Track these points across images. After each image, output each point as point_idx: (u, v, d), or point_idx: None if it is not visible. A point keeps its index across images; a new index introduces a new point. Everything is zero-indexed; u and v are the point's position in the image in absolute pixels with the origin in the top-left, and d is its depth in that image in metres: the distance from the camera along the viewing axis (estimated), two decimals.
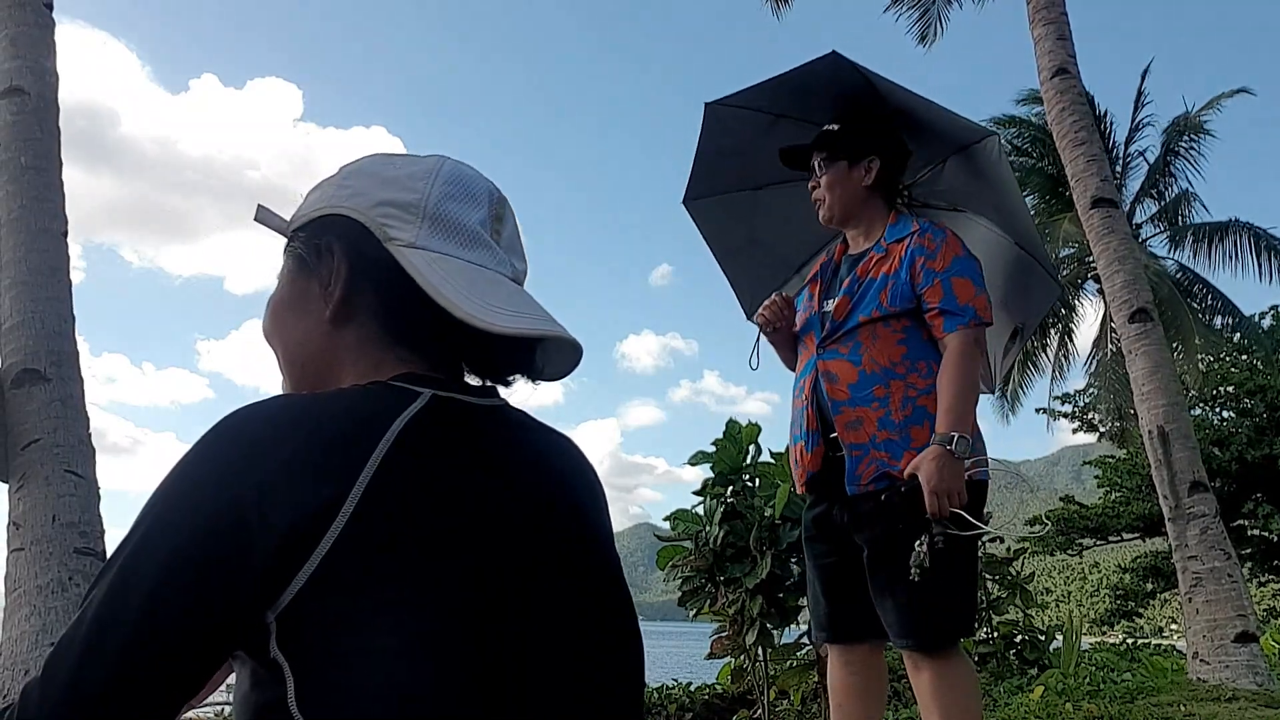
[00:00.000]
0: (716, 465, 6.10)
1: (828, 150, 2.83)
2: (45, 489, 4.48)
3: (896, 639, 2.57)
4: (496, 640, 0.85)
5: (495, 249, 1.03)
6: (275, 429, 0.85)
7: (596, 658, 0.95)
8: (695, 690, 7.86)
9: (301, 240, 1.05)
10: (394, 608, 0.81)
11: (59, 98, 5.32)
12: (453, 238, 1.00)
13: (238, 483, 0.81)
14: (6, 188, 4.99)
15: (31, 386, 4.64)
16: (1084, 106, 8.66)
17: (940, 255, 2.64)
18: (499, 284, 1.00)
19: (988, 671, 7.33)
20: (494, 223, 1.05)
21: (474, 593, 0.85)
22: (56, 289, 4.93)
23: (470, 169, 1.07)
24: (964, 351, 2.58)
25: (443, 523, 0.86)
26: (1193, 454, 7.60)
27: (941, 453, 2.44)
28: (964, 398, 2.54)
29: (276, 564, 0.80)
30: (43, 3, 5.37)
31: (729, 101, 3.04)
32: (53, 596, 4.32)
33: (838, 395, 2.65)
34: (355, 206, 1.00)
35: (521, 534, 0.92)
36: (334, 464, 0.83)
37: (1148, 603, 28.31)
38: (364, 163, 1.07)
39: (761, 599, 5.65)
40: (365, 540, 0.81)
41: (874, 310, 2.65)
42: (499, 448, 0.98)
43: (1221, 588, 7.15)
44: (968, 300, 2.61)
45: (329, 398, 0.92)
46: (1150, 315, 7.95)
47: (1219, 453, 23.01)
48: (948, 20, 14.52)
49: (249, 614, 0.81)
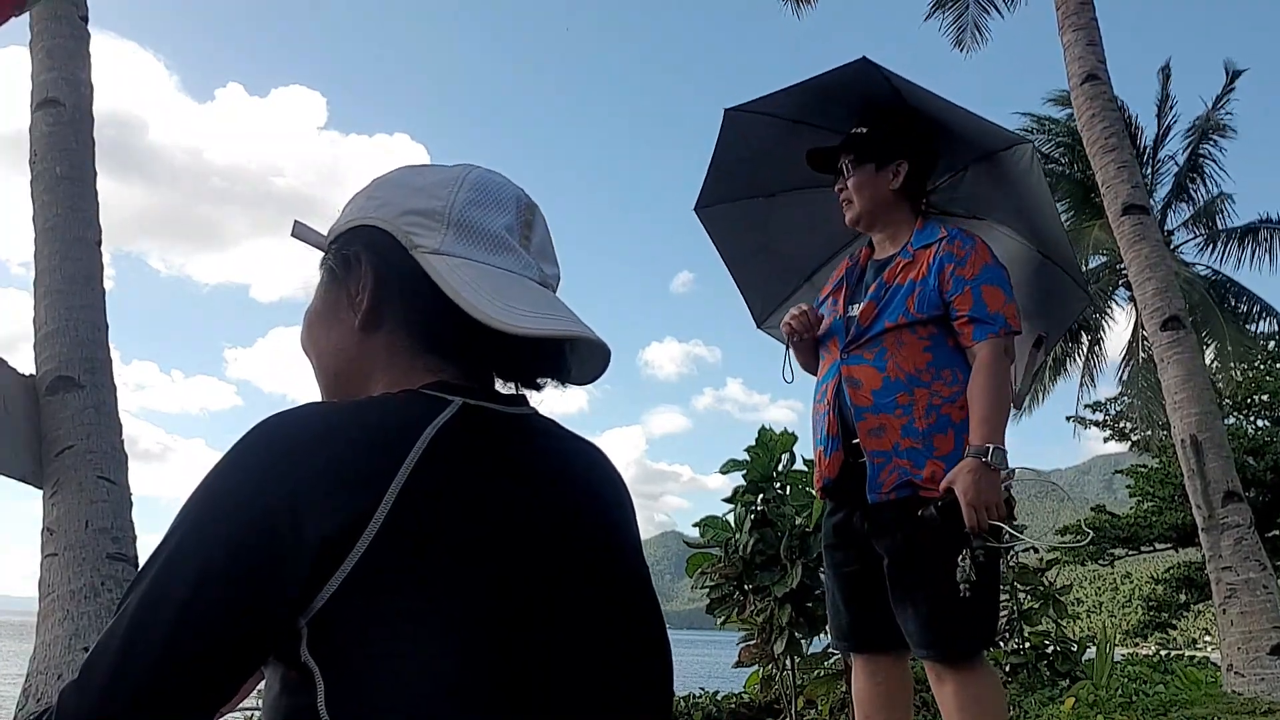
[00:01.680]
0: (748, 473, 6.10)
1: (855, 152, 2.80)
2: (78, 495, 4.54)
3: (917, 649, 2.54)
4: (523, 648, 0.85)
5: (521, 254, 1.03)
6: (306, 438, 0.86)
7: (623, 667, 0.95)
8: (722, 699, 7.83)
9: (333, 252, 1.06)
10: (424, 615, 0.81)
11: (93, 109, 5.40)
12: (478, 243, 1.00)
13: (270, 491, 0.82)
14: (42, 197, 5.07)
15: (65, 393, 4.70)
16: (1114, 112, 8.58)
17: (970, 262, 2.61)
18: (525, 287, 0.99)
19: (1019, 683, 7.26)
20: (523, 229, 1.05)
21: (501, 601, 0.85)
22: (90, 297, 4.99)
23: (498, 176, 1.07)
24: (995, 360, 2.55)
25: (471, 531, 0.86)
26: (1226, 463, 7.50)
27: (978, 465, 2.41)
28: (997, 408, 2.51)
29: (309, 572, 0.80)
30: (78, 15, 5.45)
31: (749, 108, 3.02)
32: (85, 601, 4.37)
33: (861, 401, 2.62)
34: (382, 216, 1.01)
35: (548, 543, 0.92)
36: (365, 473, 0.84)
37: (1181, 614, 27.93)
38: (393, 174, 1.08)
39: (790, 608, 5.63)
40: (397, 548, 0.82)
41: (900, 316, 2.63)
42: (527, 456, 0.98)
43: (1256, 599, 7.05)
44: (998, 308, 2.58)
45: (360, 406, 0.93)
46: (1182, 323, 7.87)
47: (1253, 462, 22.68)
48: (988, 30, 14.52)
49: (282, 622, 0.81)
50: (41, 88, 5.22)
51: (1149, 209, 8.58)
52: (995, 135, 2.88)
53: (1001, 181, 2.95)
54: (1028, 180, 2.88)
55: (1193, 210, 20.15)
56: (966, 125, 2.86)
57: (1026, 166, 2.84)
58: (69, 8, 5.39)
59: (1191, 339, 7.97)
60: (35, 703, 4.21)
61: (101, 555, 4.47)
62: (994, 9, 14.45)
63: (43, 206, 5.05)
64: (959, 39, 14.67)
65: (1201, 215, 20.00)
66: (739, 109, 3.02)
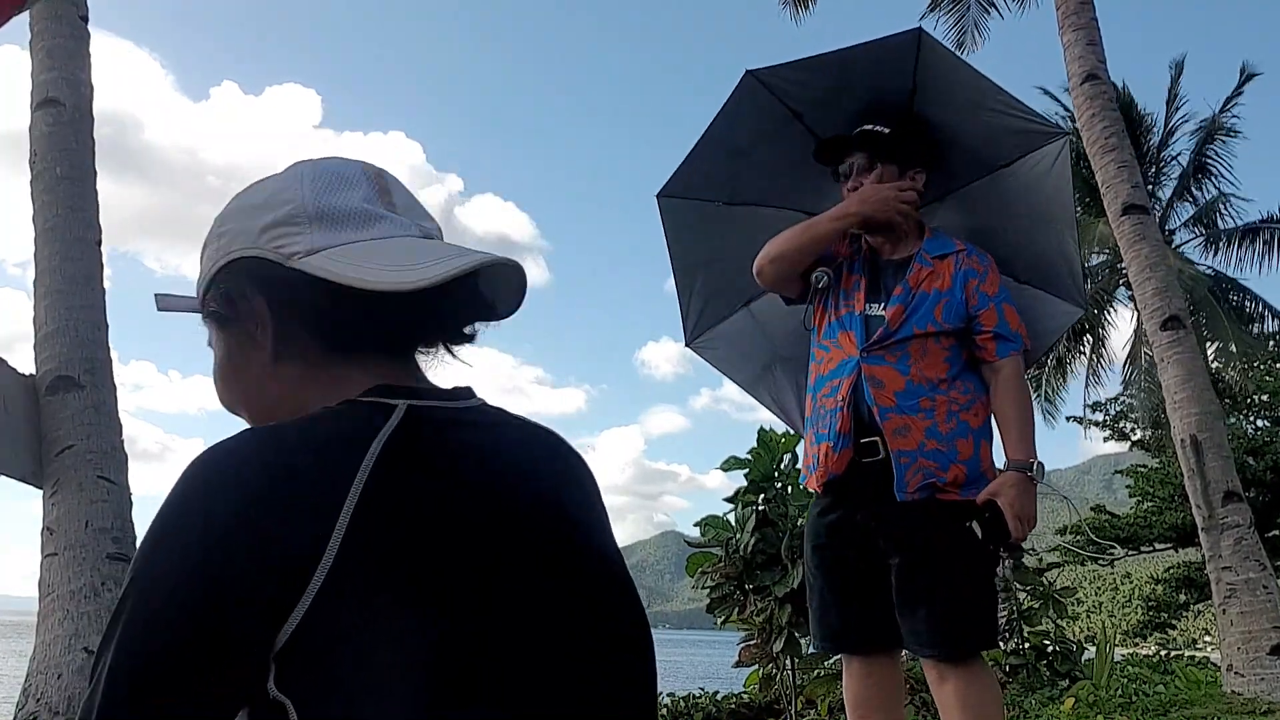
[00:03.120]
0: (750, 472, 6.11)
1: (876, 151, 2.77)
2: (78, 495, 4.54)
3: (924, 648, 2.54)
4: (494, 653, 0.84)
5: (393, 217, 1.00)
6: (248, 474, 0.83)
7: (598, 665, 0.93)
8: (722, 699, 7.84)
9: (213, 300, 1.02)
10: (389, 637, 0.80)
11: (94, 109, 5.41)
12: (347, 225, 0.97)
13: (218, 534, 0.80)
14: (42, 197, 5.07)
15: (65, 393, 4.70)
16: (1114, 112, 8.58)
17: (989, 280, 2.71)
18: (410, 246, 0.97)
19: (1019, 683, 7.26)
20: (382, 195, 1.01)
21: (466, 608, 0.84)
22: (90, 297, 4.99)
23: (335, 159, 1.04)
24: (1020, 376, 2.68)
25: (430, 542, 0.85)
26: (1226, 463, 7.51)
27: (1022, 479, 2.54)
28: (1030, 423, 2.65)
29: (269, 608, 0.79)
30: (78, 15, 5.46)
31: (766, 76, 2.85)
32: (85, 601, 4.37)
33: (884, 401, 2.61)
34: (243, 245, 0.98)
35: (509, 541, 0.90)
36: (315, 499, 0.82)
37: (1181, 614, 27.92)
38: (229, 205, 1.05)
39: (791, 608, 5.64)
40: (357, 569, 0.80)
41: (929, 325, 2.65)
42: (478, 453, 0.95)
43: (1256, 599, 7.05)
44: (1016, 326, 2.69)
45: (298, 429, 0.89)
46: (1182, 323, 7.87)
47: (1253, 462, 22.65)
48: (987, 30, 14.51)
49: (251, 670, 0.80)
50: (41, 88, 5.22)
51: (1149, 209, 8.58)
52: (1018, 137, 2.79)
53: (994, 204, 2.91)
54: (1040, 185, 2.82)
55: (1194, 210, 20.14)
56: (984, 131, 2.81)
57: (1046, 167, 2.79)
58: (69, 8, 5.39)
59: (1191, 339, 7.97)
60: (35, 702, 4.22)
61: (101, 555, 4.47)
62: (994, 9, 14.43)
63: (43, 206, 5.06)
64: (959, 40, 14.64)
65: (1202, 215, 19.99)
66: (760, 77, 2.85)
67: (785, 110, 2.93)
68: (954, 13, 14.67)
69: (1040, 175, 2.81)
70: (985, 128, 2.81)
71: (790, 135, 2.96)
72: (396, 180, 1.04)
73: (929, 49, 2.71)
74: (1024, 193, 2.87)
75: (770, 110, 2.92)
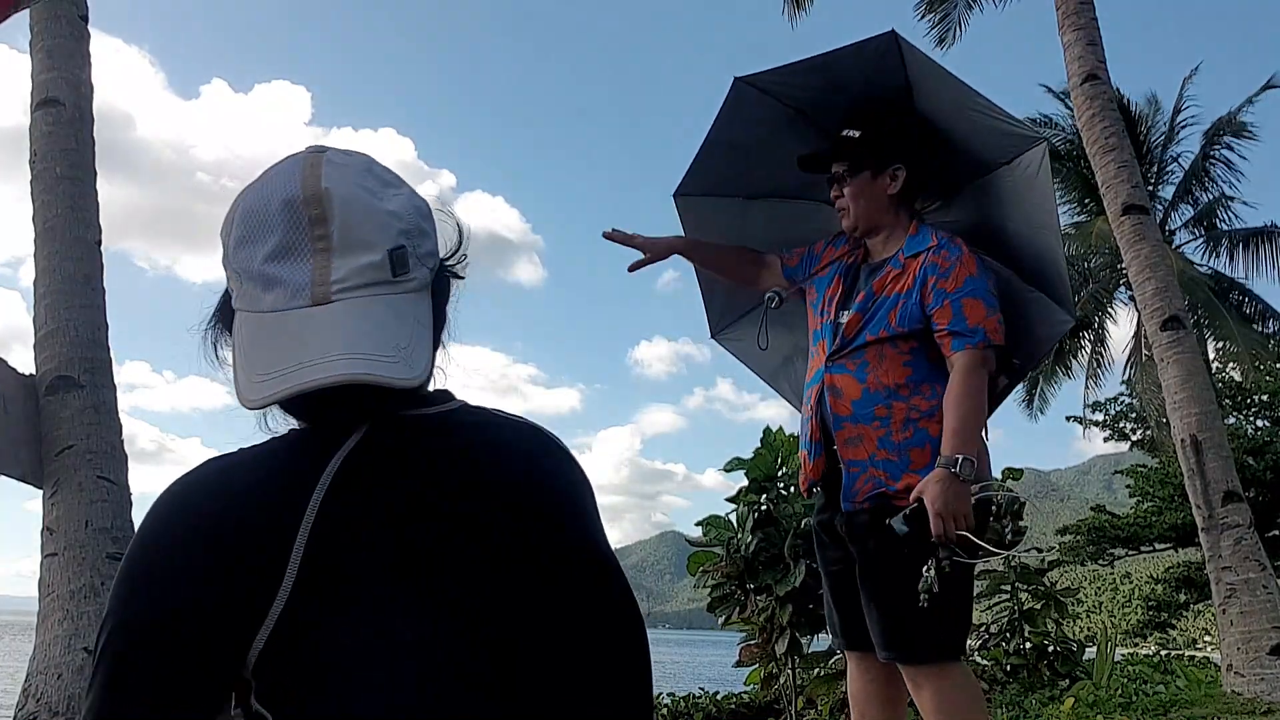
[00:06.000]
0: (751, 471, 6.11)
1: (850, 160, 2.76)
2: (78, 495, 4.54)
3: (881, 650, 2.56)
4: (470, 649, 0.85)
5: (295, 272, 0.89)
6: (206, 509, 0.86)
7: (588, 663, 0.93)
8: (722, 699, 7.84)
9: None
10: (362, 644, 0.82)
11: (93, 108, 5.40)
12: (255, 285, 0.91)
13: (185, 562, 0.83)
14: (42, 197, 5.06)
15: (65, 393, 4.70)
16: (1114, 112, 8.57)
17: (953, 275, 2.59)
18: (280, 332, 0.88)
19: (1019, 683, 7.26)
20: (311, 228, 0.89)
21: (445, 608, 0.85)
22: (90, 297, 4.99)
23: (267, 185, 0.93)
24: (971, 370, 2.54)
25: (397, 548, 0.86)
26: (1226, 463, 7.50)
27: (946, 475, 2.41)
28: (970, 419, 2.50)
29: (241, 627, 0.82)
30: (78, 15, 5.45)
31: (760, 83, 2.86)
32: (85, 601, 4.37)
33: (840, 411, 2.63)
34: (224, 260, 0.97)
35: (485, 538, 0.90)
36: (270, 525, 0.84)
37: (1181, 614, 27.92)
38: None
39: (792, 607, 5.64)
40: (321, 582, 0.83)
41: (882, 330, 2.62)
42: (448, 456, 0.94)
43: (1256, 599, 7.04)
44: (978, 321, 2.57)
45: (254, 456, 0.91)
46: (1182, 323, 7.87)
47: (1253, 462, 22.65)
48: (967, 24, 14.39)
49: (230, 679, 0.84)
50: (41, 87, 5.21)
51: (1149, 209, 8.57)
52: (1004, 139, 2.77)
53: (996, 202, 2.88)
54: (1029, 191, 2.79)
55: (1195, 211, 20.10)
56: (975, 131, 2.78)
57: (1033, 173, 2.76)
58: (69, 7, 5.39)
59: (1191, 339, 7.96)
60: (35, 702, 4.21)
61: (101, 555, 4.47)
62: (979, 4, 14.26)
63: (43, 207, 5.05)
64: (941, 37, 14.51)
65: (1202, 216, 19.96)
66: (751, 82, 2.86)
67: (786, 109, 2.94)
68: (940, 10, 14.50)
69: (1029, 179, 2.78)
70: (974, 126, 2.80)
71: (796, 132, 2.96)
72: (340, 204, 0.90)
73: (908, 49, 2.69)
74: (1018, 194, 2.85)
75: (770, 110, 2.93)
